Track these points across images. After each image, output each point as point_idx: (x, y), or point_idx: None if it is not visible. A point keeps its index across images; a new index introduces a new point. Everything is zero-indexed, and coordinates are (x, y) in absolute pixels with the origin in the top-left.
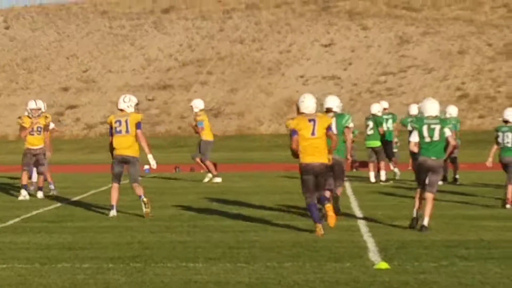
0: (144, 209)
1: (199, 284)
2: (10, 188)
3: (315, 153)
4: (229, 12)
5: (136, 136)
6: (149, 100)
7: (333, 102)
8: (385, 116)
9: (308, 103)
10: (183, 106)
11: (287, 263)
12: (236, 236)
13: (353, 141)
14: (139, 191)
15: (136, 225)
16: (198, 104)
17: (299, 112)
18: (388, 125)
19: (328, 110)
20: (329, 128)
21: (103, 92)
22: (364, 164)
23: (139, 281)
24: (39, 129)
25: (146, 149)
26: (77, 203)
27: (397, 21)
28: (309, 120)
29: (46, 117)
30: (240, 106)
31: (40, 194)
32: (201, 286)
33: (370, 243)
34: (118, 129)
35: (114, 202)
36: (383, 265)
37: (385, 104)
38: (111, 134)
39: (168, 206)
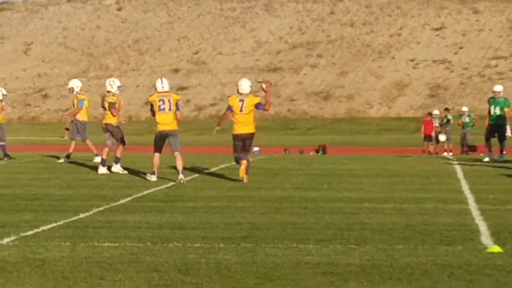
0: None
1: (310, 265)
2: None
3: (243, 125)
4: None
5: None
6: (259, 82)
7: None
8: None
9: (243, 86)
10: (292, 89)
11: (398, 245)
12: (346, 218)
13: (465, 125)
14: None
15: (246, 206)
16: (78, 84)
17: (237, 92)
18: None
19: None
20: (258, 105)
21: (213, 74)
22: (473, 148)
23: (250, 261)
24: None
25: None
26: (188, 183)
27: (509, 4)
28: (239, 100)
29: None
30: (349, 89)
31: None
32: (312, 267)
33: (482, 227)
34: (162, 107)
35: (156, 168)
36: (496, 248)
37: (498, 87)
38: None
39: (277, 187)
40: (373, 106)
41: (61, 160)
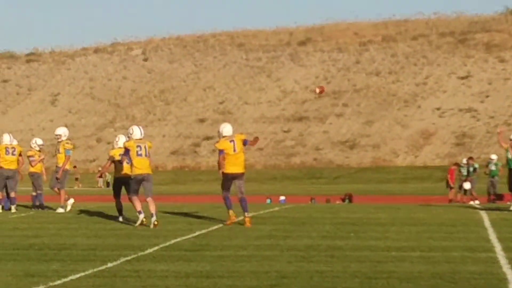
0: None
1: None
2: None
3: (236, 164)
4: (365, 44)
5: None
6: (285, 131)
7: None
8: None
9: (227, 129)
10: (318, 138)
11: None
12: (373, 266)
13: (491, 174)
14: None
15: (273, 255)
16: (66, 132)
17: (222, 136)
18: None
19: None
20: (245, 141)
21: (240, 124)
22: (500, 197)
23: None
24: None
25: None
26: (214, 233)
27: None
28: (230, 141)
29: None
30: (375, 138)
31: None
32: None
33: (510, 275)
34: (139, 152)
35: (140, 208)
36: None
37: None
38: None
39: (304, 236)
40: (399, 155)
41: (61, 210)
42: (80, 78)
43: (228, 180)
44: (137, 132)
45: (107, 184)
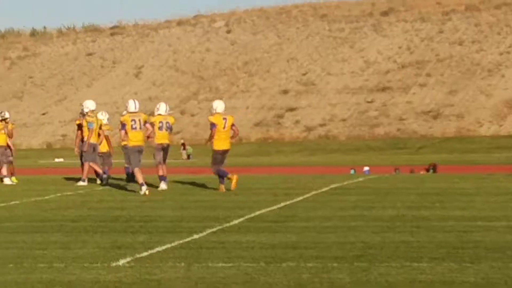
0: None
1: (424, 283)
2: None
3: (224, 141)
4: (448, 13)
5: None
6: (368, 102)
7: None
8: None
9: (221, 106)
10: (401, 108)
11: None
12: (459, 236)
13: None
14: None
15: (359, 225)
16: (89, 105)
17: (216, 112)
18: None
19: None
20: (232, 124)
21: (322, 95)
22: None
23: (364, 280)
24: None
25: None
26: (299, 204)
27: None
28: (223, 118)
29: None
30: (459, 107)
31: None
32: (426, 285)
33: None
34: (133, 126)
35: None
36: None
37: None
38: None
39: (389, 206)
40: (483, 124)
41: (83, 183)
42: (163, 50)
43: (218, 156)
44: (131, 105)
45: (188, 157)
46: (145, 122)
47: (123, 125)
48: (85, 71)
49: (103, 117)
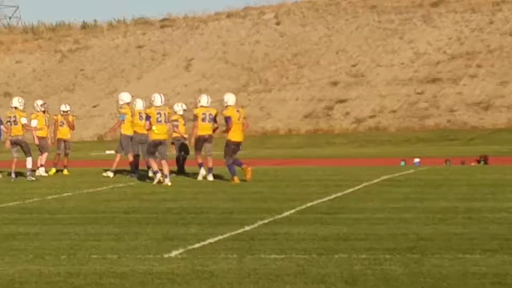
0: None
1: (477, 275)
2: (282, 181)
3: (240, 132)
4: (498, 4)
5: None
6: (418, 93)
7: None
8: None
9: (233, 99)
10: (452, 100)
11: None
12: None
13: None
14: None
15: (410, 217)
16: (123, 97)
17: (228, 105)
18: None
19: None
20: (244, 117)
21: (372, 86)
22: None
23: (416, 272)
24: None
25: None
26: (350, 195)
27: None
28: (237, 111)
29: None
30: (510, 98)
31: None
32: (479, 277)
33: None
34: (159, 119)
35: (156, 168)
36: None
37: None
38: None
39: (441, 198)
40: None
41: (109, 174)
42: (213, 43)
43: (232, 147)
44: (158, 99)
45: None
46: (170, 116)
47: (148, 117)
48: (135, 64)
49: (179, 108)
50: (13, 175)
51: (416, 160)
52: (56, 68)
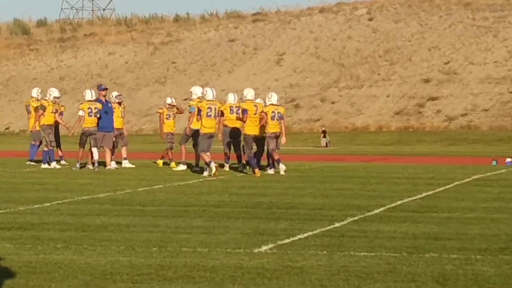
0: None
1: None
2: (372, 178)
3: (255, 126)
4: None
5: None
6: (511, 92)
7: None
8: None
9: (252, 93)
10: None
11: None
12: None
13: None
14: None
15: (502, 217)
16: (196, 91)
17: (246, 99)
18: None
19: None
20: (262, 111)
21: (465, 84)
22: None
23: (509, 274)
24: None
25: None
26: (441, 194)
27: None
28: (254, 105)
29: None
30: None
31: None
32: None
33: None
34: (209, 113)
35: (208, 159)
36: None
37: None
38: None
39: None
40: None
41: (182, 167)
42: (305, 38)
43: (250, 140)
44: (209, 93)
45: (326, 144)
46: (220, 111)
47: (199, 111)
48: (226, 57)
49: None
50: (95, 165)
51: (508, 160)
52: (148, 60)
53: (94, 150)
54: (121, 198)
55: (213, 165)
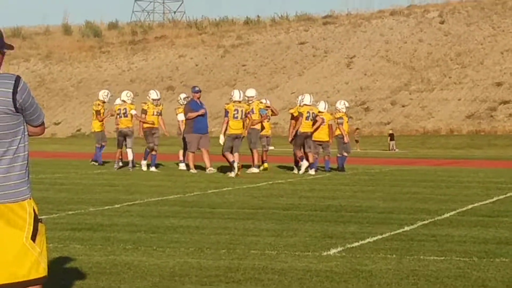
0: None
1: None
2: (442, 181)
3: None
4: None
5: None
6: None
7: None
8: None
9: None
10: None
11: None
12: None
13: None
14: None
15: None
16: (248, 93)
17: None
18: None
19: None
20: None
21: None
22: None
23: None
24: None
25: None
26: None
27: None
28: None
29: None
30: None
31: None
32: None
33: None
34: (235, 115)
35: (237, 160)
36: None
37: None
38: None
39: None
40: None
41: (255, 170)
42: (375, 40)
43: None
44: (236, 95)
45: (393, 147)
46: (247, 112)
47: (226, 113)
48: (297, 60)
49: (341, 106)
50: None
51: None
52: (218, 63)
53: (129, 151)
54: (190, 200)
55: (236, 165)
